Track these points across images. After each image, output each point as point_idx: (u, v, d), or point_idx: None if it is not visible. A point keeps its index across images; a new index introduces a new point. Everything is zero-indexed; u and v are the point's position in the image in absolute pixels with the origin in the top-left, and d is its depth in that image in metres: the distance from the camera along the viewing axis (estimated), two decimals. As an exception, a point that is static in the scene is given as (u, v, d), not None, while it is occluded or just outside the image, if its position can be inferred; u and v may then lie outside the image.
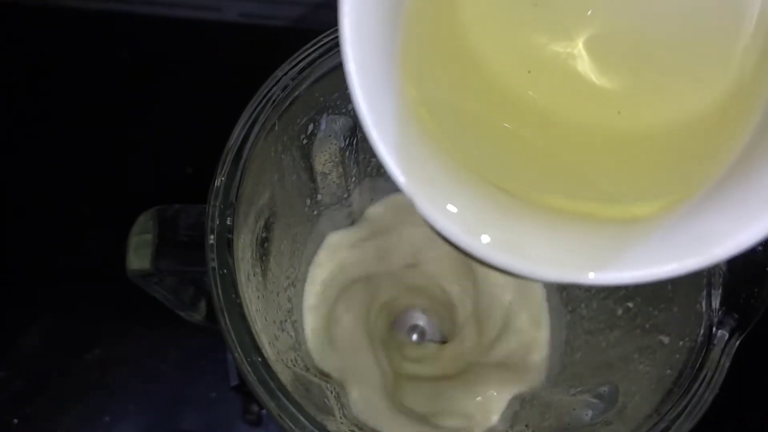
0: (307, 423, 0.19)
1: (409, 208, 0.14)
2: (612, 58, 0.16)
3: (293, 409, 0.19)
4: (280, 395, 0.19)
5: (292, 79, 0.22)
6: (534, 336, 0.29)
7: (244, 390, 0.34)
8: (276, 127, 0.23)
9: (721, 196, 0.14)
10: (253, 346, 0.20)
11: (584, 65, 0.16)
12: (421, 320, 0.32)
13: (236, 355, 0.20)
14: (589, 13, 0.16)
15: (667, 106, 0.16)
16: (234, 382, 0.33)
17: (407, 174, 0.14)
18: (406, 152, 0.14)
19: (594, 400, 0.24)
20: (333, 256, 0.31)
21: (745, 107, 0.15)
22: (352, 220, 0.31)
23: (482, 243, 0.14)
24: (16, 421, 0.35)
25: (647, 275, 0.14)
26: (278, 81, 0.22)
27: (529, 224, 0.14)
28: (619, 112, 0.16)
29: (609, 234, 0.14)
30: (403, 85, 0.15)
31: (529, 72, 0.16)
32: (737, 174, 0.14)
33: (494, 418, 0.28)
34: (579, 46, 0.16)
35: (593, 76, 0.16)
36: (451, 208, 0.14)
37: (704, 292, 0.22)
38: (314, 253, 0.30)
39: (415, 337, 0.32)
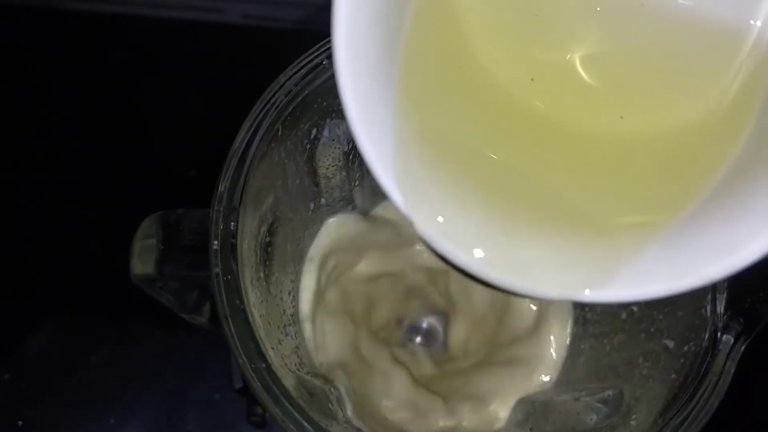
0: (311, 429, 0.19)
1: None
2: (613, 64, 0.16)
3: (297, 415, 0.19)
4: (284, 401, 0.19)
5: (296, 84, 0.22)
6: (542, 342, 0.29)
7: (248, 392, 0.34)
8: (279, 132, 0.23)
9: (716, 210, 0.14)
10: (257, 352, 0.20)
11: (586, 71, 0.16)
12: (424, 323, 0.32)
13: (240, 361, 0.20)
14: (591, 24, 0.16)
15: (666, 112, 0.16)
16: (238, 384, 0.33)
17: (405, 194, 0.14)
18: (403, 171, 0.14)
19: (598, 405, 0.24)
20: (333, 257, 0.31)
21: (736, 119, 0.15)
22: (355, 222, 0.31)
23: (475, 258, 0.14)
24: (20, 423, 0.35)
25: (644, 293, 0.14)
26: (282, 86, 0.22)
27: (526, 241, 0.15)
28: (621, 117, 0.16)
29: (606, 250, 0.14)
30: (401, 103, 0.15)
31: (533, 79, 0.16)
32: (731, 188, 0.14)
33: (499, 423, 0.28)
34: (581, 53, 0.16)
35: (595, 81, 0.16)
36: (448, 225, 0.14)
37: (709, 297, 0.22)
38: (314, 256, 0.30)
39: (418, 339, 0.32)
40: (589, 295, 0.14)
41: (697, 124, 0.15)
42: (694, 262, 0.13)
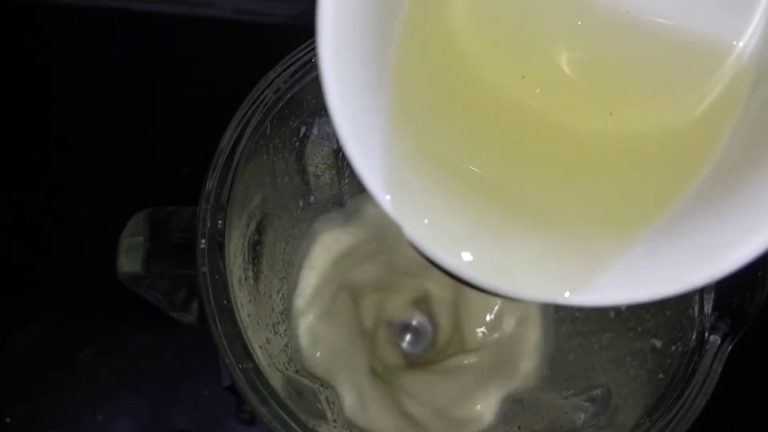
0: (298, 429, 0.19)
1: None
2: (599, 63, 0.17)
3: (284, 416, 0.19)
4: (272, 401, 0.19)
5: (285, 82, 0.22)
6: (523, 336, 0.29)
7: (236, 390, 0.33)
8: (268, 130, 0.23)
9: (698, 215, 0.14)
10: (245, 352, 0.20)
11: (576, 69, 0.16)
12: (414, 321, 0.32)
13: (227, 360, 0.20)
14: (579, 26, 0.16)
15: (652, 111, 0.16)
16: (226, 382, 0.32)
17: (392, 197, 0.14)
18: (391, 175, 0.14)
19: (586, 404, 0.24)
20: (327, 257, 0.31)
21: (715, 125, 0.15)
22: (346, 220, 0.31)
23: (463, 261, 0.14)
24: (8, 420, 0.35)
25: (625, 298, 0.14)
26: (271, 83, 0.22)
27: (511, 243, 0.15)
28: (610, 114, 0.16)
29: (587, 252, 0.15)
30: (391, 108, 0.15)
31: (523, 77, 0.16)
32: (712, 195, 0.14)
33: (486, 419, 0.28)
34: (569, 53, 0.16)
35: (584, 78, 0.17)
36: (435, 228, 0.14)
37: (696, 297, 0.22)
38: (307, 254, 0.30)
39: (409, 337, 0.32)
40: (568, 298, 0.14)
41: (679, 126, 0.16)
42: (676, 268, 0.13)
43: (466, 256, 0.14)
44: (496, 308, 0.30)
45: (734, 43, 0.15)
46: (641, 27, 0.16)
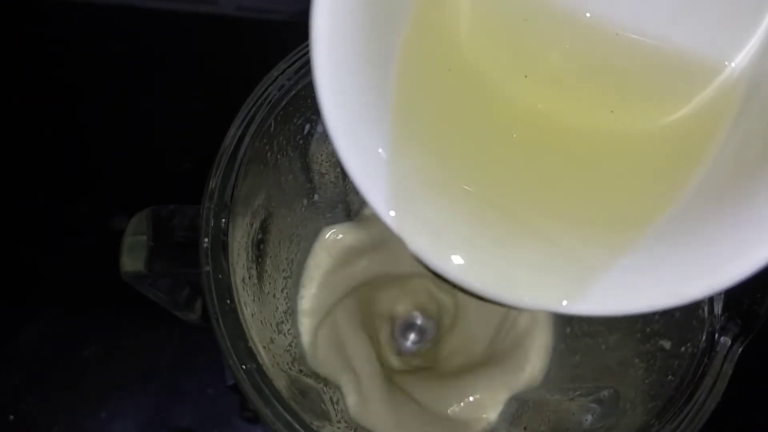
0: (302, 430, 0.19)
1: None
2: (597, 66, 0.17)
3: (288, 417, 0.19)
4: (275, 402, 0.19)
5: (289, 79, 0.22)
6: (529, 336, 0.29)
7: (240, 389, 0.33)
8: (272, 128, 0.22)
9: (697, 224, 0.14)
10: (248, 353, 0.19)
11: (574, 69, 0.17)
12: (418, 320, 0.32)
13: (231, 361, 0.19)
14: (574, 35, 0.16)
15: (650, 111, 0.16)
16: (230, 381, 0.32)
17: (396, 212, 0.14)
18: (395, 191, 0.14)
19: (593, 405, 0.24)
20: (331, 256, 0.31)
21: (708, 129, 0.15)
22: (350, 218, 0.31)
23: (467, 272, 0.14)
24: (12, 417, 0.35)
25: (625, 308, 0.14)
26: (275, 80, 0.22)
27: (513, 252, 0.15)
28: (612, 111, 0.16)
29: (587, 260, 0.14)
30: (395, 122, 0.15)
31: (526, 76, 0.16)
32: (707, 203, 0.14)
33: (491, 418, 0.28)
34: (567, 55, 0.17)
35: (584, 77, 0.17)
36: (439, 241, 0.14)
37: (706, 298, 0.21)
38: (312, 253, 0.30)
39: (412, 336, 0.32)
40: (566, 307, 0.14)
41: (673, 128, 0.16)
42: (676, 279, 0.13)
43: (467, 266, 0.14)
44: (501, 309, 0.30)
45: (726, 63, 0.16)
46: (632, 45, 0.16)
